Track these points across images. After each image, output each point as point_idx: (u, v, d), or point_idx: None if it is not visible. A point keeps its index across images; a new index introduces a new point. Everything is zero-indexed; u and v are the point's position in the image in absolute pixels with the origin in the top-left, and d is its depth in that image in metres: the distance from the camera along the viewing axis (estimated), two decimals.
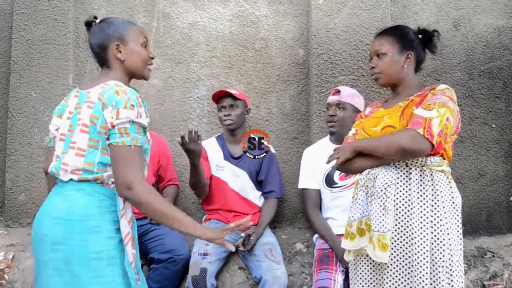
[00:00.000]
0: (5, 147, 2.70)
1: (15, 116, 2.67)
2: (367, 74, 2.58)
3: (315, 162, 2.30)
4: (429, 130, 1.45)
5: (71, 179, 1.41)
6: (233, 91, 2.38)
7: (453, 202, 1.55)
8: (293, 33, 2.78)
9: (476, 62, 2.77)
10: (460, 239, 1.57)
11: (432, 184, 1.52)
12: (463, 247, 1.60)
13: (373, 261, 1.55)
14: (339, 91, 2.27)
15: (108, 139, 1.39)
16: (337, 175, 2.25)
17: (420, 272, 1.46)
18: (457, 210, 1.55)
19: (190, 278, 2.03)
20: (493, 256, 2.40)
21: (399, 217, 1.51)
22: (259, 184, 2.43)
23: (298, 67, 2.77)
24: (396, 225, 1.51)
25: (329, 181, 2.26)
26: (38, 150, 2.65)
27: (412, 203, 1.50)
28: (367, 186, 1.59)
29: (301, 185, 2.37)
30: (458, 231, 1.55)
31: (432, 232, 1.49)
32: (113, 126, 1.36)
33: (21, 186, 2.65)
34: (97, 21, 1.53)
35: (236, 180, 2.38)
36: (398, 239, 1.51)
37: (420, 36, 1.69)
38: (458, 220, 1.55)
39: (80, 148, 1.40)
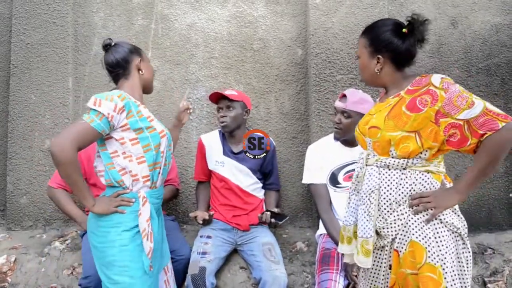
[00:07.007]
0: (6, 151, 2.72)
1: (15, 119, 2.68)
2: None
3: (321, 159, 2.27)
4: (497, 113, 1.35)
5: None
6: (228, 93, 2.37)
7: None
8: (291, 33, 2.79)
9: (474, 59, 2.78)
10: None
11: (410, 187, 1.45)
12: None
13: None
14: (345, 96, 2.18)
15: None
16: (341, 175, 2.23)
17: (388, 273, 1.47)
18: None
19: (190, 277, 2.05)
20: (494, 252, 2.41)
21: (380, 221, 1.48)
22: (260, 176, 2.45)
23: (296, 67, 2.78)
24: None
25: (333, 180, 2.24)
26: (38, 153, 2.67)
27: (391, 208, 1.47)
28: (358, 190, 1.57)
29: (308, 180, 2.28)
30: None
31: (409, 236, 1.44)
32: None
33: (23, 189, 2.66)
34: (113, 43, 1.81)
35: (238, 175, 2.38)
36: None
37: (404, 30, 1.49)
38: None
39: None
